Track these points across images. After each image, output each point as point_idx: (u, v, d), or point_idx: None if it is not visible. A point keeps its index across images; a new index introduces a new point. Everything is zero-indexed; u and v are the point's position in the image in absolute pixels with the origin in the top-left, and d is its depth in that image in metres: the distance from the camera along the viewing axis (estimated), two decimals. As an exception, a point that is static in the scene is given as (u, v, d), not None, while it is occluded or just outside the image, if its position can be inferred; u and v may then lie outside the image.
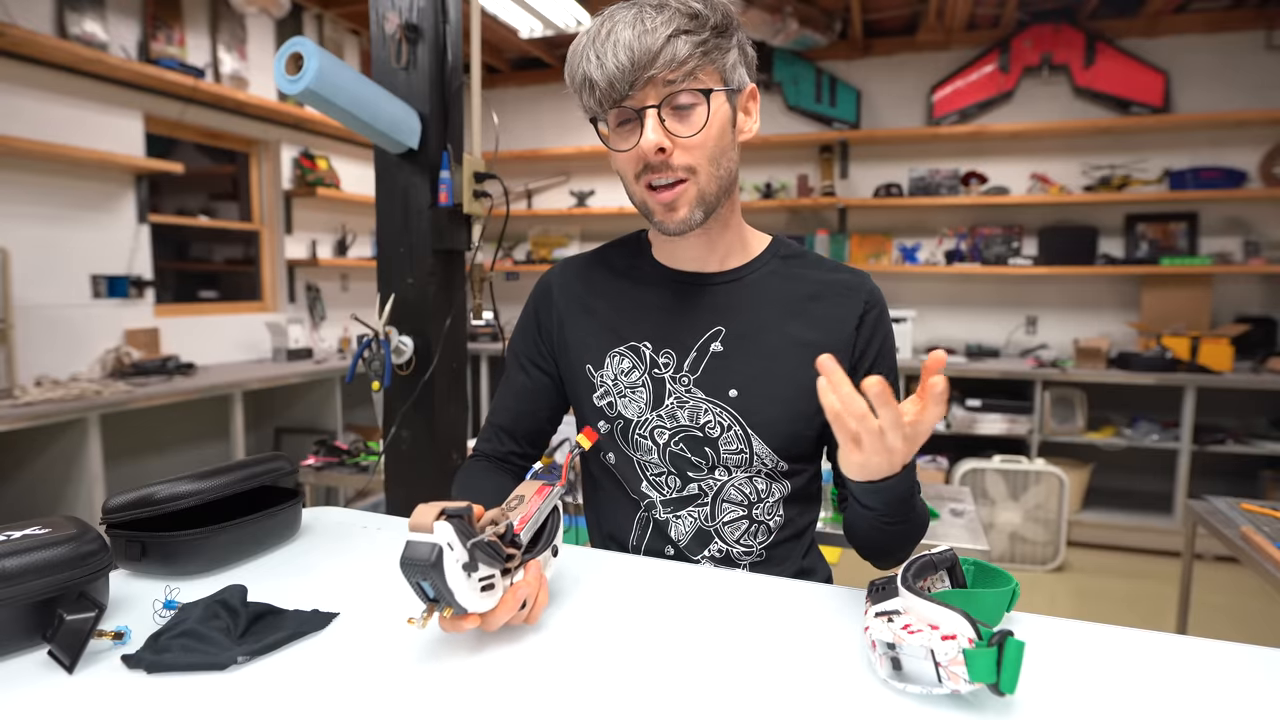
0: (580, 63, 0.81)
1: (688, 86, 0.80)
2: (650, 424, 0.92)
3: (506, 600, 0.65)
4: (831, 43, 3.99)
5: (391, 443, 1.78)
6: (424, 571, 0.59)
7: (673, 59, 0.78)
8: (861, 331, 0.91)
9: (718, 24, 0.80)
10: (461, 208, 1.72)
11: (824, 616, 0.74)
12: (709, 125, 0.81)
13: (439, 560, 0.59)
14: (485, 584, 0.63)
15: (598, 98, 0.81)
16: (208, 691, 0.59)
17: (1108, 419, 3.73)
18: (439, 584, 0.59)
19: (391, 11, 1.66)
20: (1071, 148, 3.92)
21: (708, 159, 0.83)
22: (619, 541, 0.97)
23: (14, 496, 2.62)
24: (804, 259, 0.96)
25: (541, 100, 4.85)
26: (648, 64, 0.78)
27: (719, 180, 0.85)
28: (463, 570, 0.60)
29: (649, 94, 0.80)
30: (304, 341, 3.77)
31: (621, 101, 0.80)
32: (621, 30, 0.78)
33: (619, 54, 0.78)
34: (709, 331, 0.91)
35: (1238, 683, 0.62)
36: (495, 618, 0.65)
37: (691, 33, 0.78)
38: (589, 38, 0.81)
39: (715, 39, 0.80)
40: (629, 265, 0.99)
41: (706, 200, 0.85)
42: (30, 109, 2.77)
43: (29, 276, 2.77)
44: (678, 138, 0.81)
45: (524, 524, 0.69)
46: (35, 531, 0.68)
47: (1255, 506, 1.69)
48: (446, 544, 0.60)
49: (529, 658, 0.65)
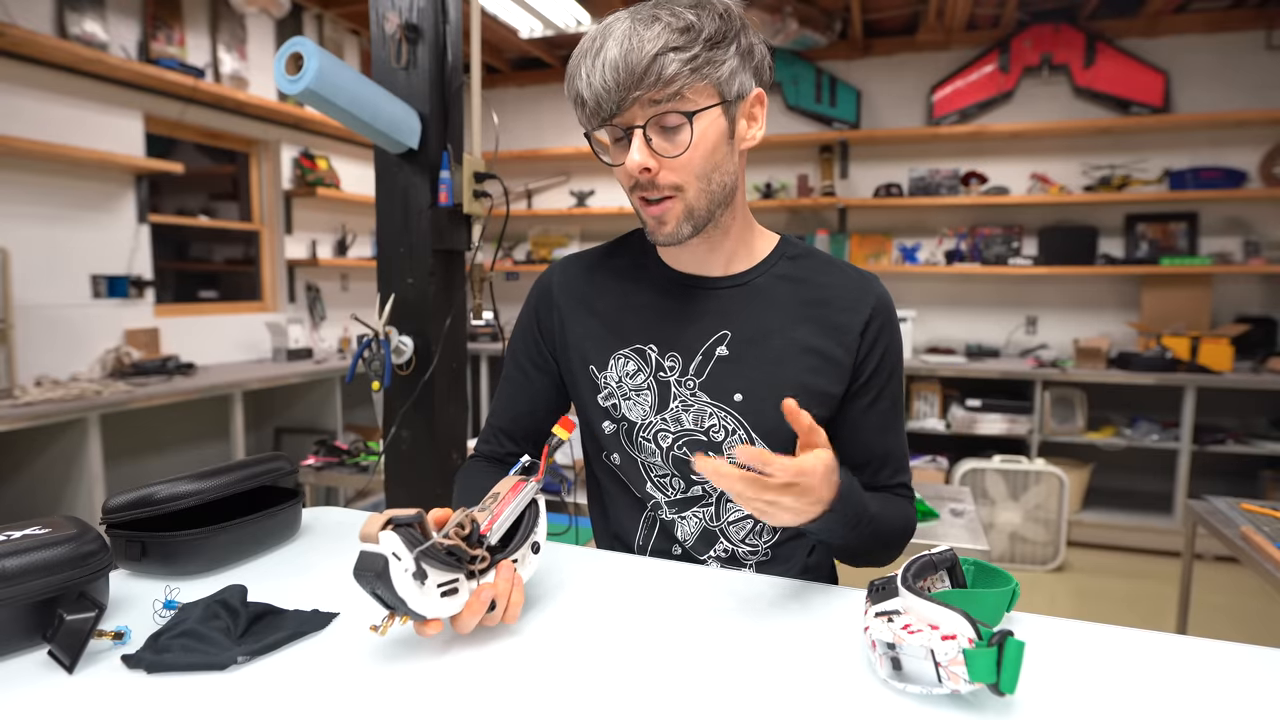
0: (574, 78, 0.81)
1: (673, 108, 0.79)
2: (654, 427, 0.92)
3: (471, 603, 0.66)
4: (831, 43, 3.99)
5: (391, 443, 1.78)
6: (372, 581, 0.61)
7: (658, 79, 0.76)
8: (866, 336, 0.91)
9: (711, 35, 0.78)
10: (461, 208, 1.72)
11: (824, 616, 0.74)
12: (695, 145, 0.81)
13: (385, 570, 0.60)
14: (446, 589, 0.64)
15: (587, 114, 0.82)
16: (208, 691, 0.59)
17: (1108, 419, 3.73)
18: (388, 593, 0.60)
19: (391, 11, 1.66)
20: (1071, 148, 3.92)
21: (695, 176, 0.83)
22: (625, 542, 0.97)
23: (14, 496, 2.62)
24: (812, 259, 0.96)
25: (541, 100, 4.85)
26: (633, 84, 0.77)
27: (709, 195, 0.85)
28: (412, 579, 0.61)
29: (636, 113, 0.79)
30: (304, 341, 3.77)
31: (609, 120, 0.80)
32: (611, 47, 0.77)
33: (606, 73, 0.77)
34: (715, 335, 0.91)
35: (1238, 683, 0.62)
36: (462, 621, 0.65)
37: (681, 49, 0.77)
38: (582, 51, 0.80)
39: (708, 51, 0.78)
40: (633, 266, 0.98)
41: (695, 216, 0.85)
42: (30, 109, 2.77)
43: (29, 276, 2.77)
44: (664, 157, 0.81)
45: (491, 524, 0.70)
46: (35, 531, 0.68)
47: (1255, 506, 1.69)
48: (392, 554, 0.61)
49: (529, 657, 0.65)
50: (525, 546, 0.73)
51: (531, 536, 0.74)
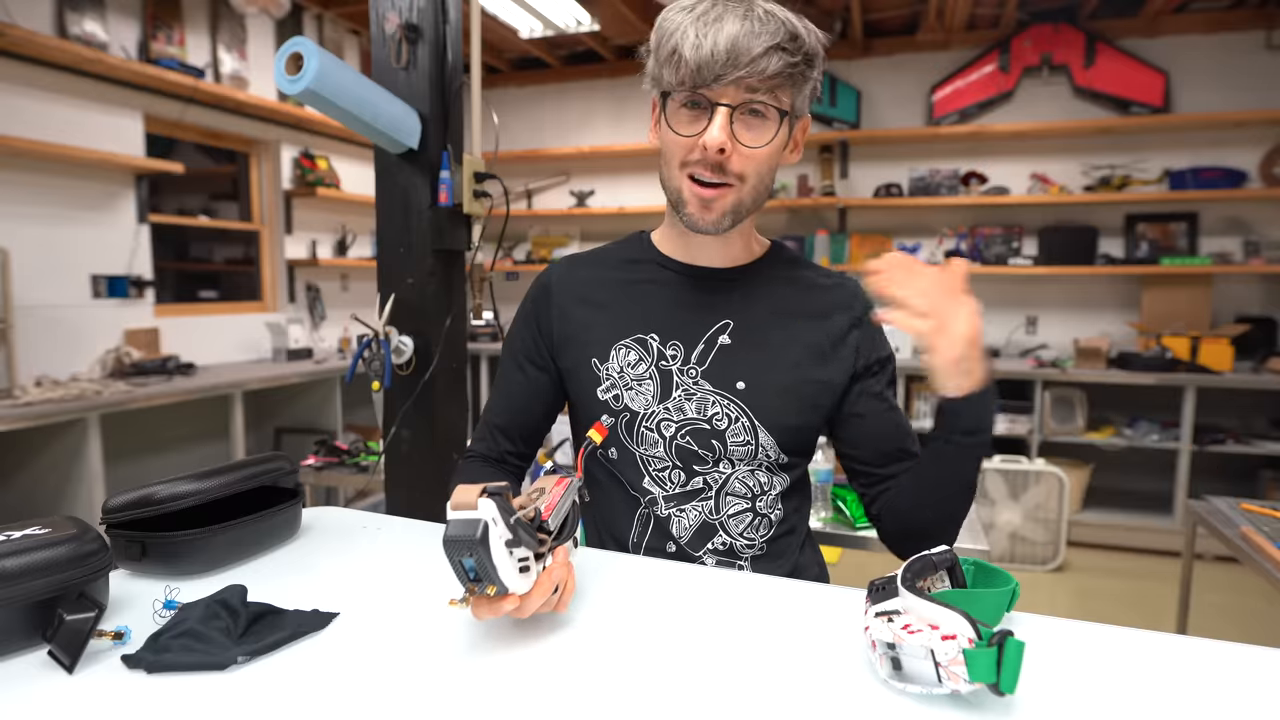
0: (676, 34, 0.80)
1: (767, 101, 0.81)
2: (657, 417, 0.92)
3: (542, 583, 0.65)
4: (831, 43, 3.97)
5: (391, 443, 1.77)
6: (470, 548, 0.58)
7: (765, 69, 0.78)
8: (863, 329, 0.94)
9: (809, 51, 0.82)
10: (461, 208, 1.72)
11: (824, 616, 0.74)
12: (774, 141, 0.83)
13: (485, 535, 0.58)
14: (522, 565, 0.63)
15: (680, 76, 0.81)
16: (208, 691, 0.59)
17: (1108, 419, 3.73)
18: (484, 560, 0.59)
19: (391, 11, 1.66)
20: (1071, 148, 3.92)
21: (759, 172, 0.85)
22: (618, 540, 0.97)
23: (14, 496, 2.62)
24: (802, 264, 1.00)
25: (541, 100, 4.85)
26: (744, 64, 0.78)
27: (758, 194, 0.87)
28: (506, 547, 0.60)
29: (729, 92, 0.80)
30: (304, 341, 3.77)
31: (701, 87, 0.80)
32: (730, 21, 0.78)
33: (719, 42, 0.77)
34: (717, 324, 0.92)
35: (1238, 683, 0.62)
36: (530, 601, 0.65)
37: (788, 52, 0.79)
38: (692, 12, 0.80)
39: (804, 66, 0.82)
40: (633, 259, 0.99)
41: (741, 210, 0.87)
42: (30, 109, 2.77)
43: (29, 276, 2.77)
44: (741, 144, 0.82)
45: (550, 510, 0.69)
46: (35, 531, 0.68)
47: (1255, 506, 1.70)
48: (491, 519, 0.59)
49: (529, 658, 0.65)
50: (569, 540, 0.73)
51: (574, 531, 0.74)
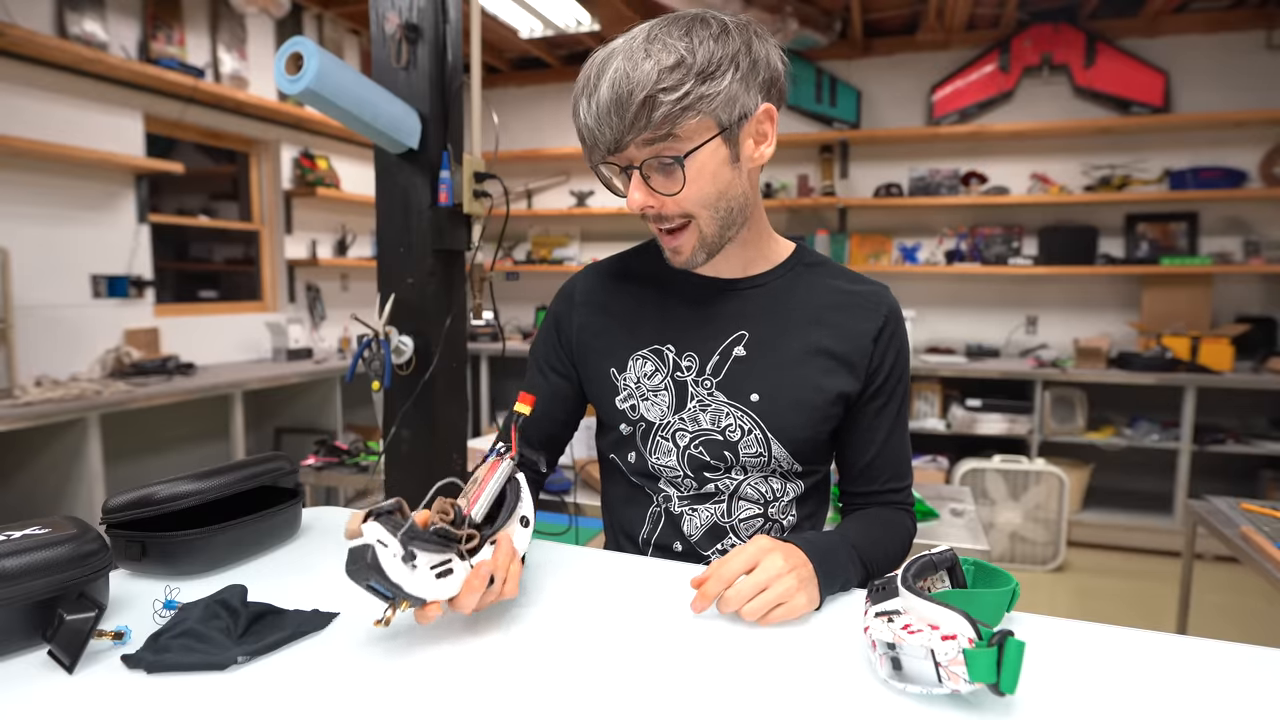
0: (574, 112, 0.81)
1: (665, 149, 0.78)
2: (672, 427, 0.93)
3: (469, 581, 0.66)
4: (831, 42, 3.99)
5: (391, 443, 1.77)
6: (366, 573, 0.61)
7: (648, 122, 0.75)
8: (879, 344, 0.92)
9: (704, 65, 0.75)
10: (461, 208, 1.72)
11: (824, 616, 0.74)
12: (692, 181, 0.80)
13: (374, 559, 0.60)
14: (441, 570, 0.64)
15: (588, 150, 0.82)
16: (208, 691, 0.59)
17: (1108, 419, 3.73)
18: (384, 581, 0.61)
19: (391, 11, 1.66)
20: (1071, 148, 3.92)
21: (701, 206, 0.83)
22: (631, 536, 0.98)
23: (14, 496, 2.61)
24: (827, 268, 0.97)
25: (541, 100, 4.85)
26: (625, 128, 0.76)
27: (720, 221, 0.85)
28: (402, 563, 0.61)
29: (633, 153, 0.80)
30: (304, 341, 3.77)
31: (608, 156, 0.81)
32: (603, 88, 0.76)
33: (599, 114, 0.77)
34: (732, 335, 0.92)
35: (1238, 683, 0.62)
36: (462, 600, 0.66)
37: (669, 89, 0.74)
38: (580, 85, 0.80)
39: (700, 86, 0.75)
40: (652, 269, 0.99)
41: (708, 242, 0.86)
42: (30, 109, 2.77)
43: (29, 276, 2.76)
44: (661, 194, 0.82)
45: (474, 503, 0.71)
46: (35, 531, 0.68)
47: (1255, 506, 1.69)
48: (377, 541, 0.61)
49: (528, 657, 0.65)
50: (514, 520, 0.73)
51: (518, 510, 0.74)
